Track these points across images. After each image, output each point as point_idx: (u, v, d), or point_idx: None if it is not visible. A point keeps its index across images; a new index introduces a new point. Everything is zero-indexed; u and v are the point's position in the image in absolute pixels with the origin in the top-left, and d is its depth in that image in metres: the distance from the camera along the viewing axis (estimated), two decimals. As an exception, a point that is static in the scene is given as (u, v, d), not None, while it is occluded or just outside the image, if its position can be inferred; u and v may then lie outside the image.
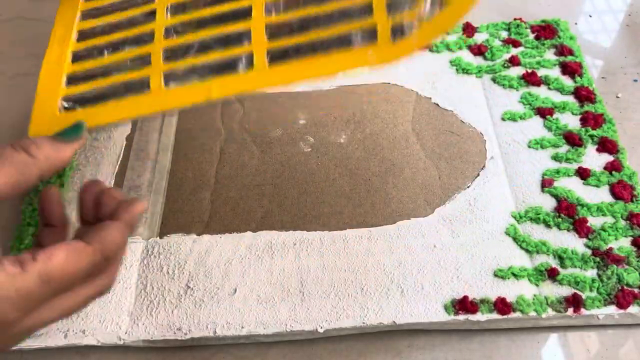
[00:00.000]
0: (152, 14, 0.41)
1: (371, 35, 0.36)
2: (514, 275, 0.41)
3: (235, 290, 0.42)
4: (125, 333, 0.40)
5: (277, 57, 0.36)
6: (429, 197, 0.46)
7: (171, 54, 0.39)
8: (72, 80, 0.40)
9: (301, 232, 0.45)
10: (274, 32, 0.37)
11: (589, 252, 0.42)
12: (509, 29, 0.57)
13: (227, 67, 0.37)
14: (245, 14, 0.39)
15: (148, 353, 0.41)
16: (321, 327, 0.40)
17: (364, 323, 0.40)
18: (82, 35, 0.42)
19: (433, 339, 0.40)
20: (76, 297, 0.31)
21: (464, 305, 0.40)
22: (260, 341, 0.41)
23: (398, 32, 0.35)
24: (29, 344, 0.40)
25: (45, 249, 0.28)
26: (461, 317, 0.40)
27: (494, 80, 0.53)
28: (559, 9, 0.61)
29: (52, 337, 0.40)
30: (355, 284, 0.42)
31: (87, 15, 0.43)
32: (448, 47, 0.56)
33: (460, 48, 0.56)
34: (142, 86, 0.38)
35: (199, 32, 0.39)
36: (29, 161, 0.31)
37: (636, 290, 0.40)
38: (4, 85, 0.58)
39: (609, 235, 0.43)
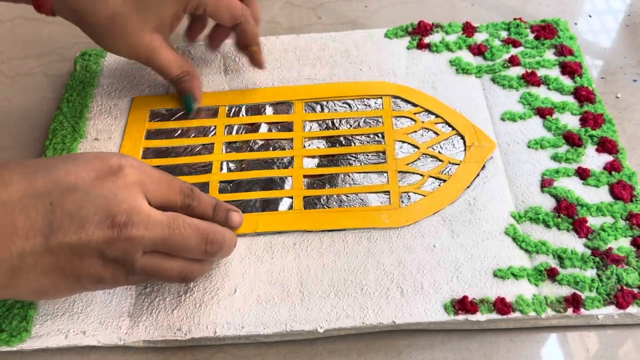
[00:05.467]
0: (208, 146, 0.50)
1: (384, 195, 0.46)
2: (514, 275, 0.41)
3: (236, 290, 0.42)
4: (126, 334, 0.40)
5: (310, 202, 0.46)
6: (429, 197, 0.46)
7: (224, 186, 0.48)
8: None
9: (301, 232, 0.45)
10: (309, 181, 0.47)
11: (588, 252, 0.42)
12: (508, 29, 0.57)
13: (270, 204, 0.46)
14: (288, 161, 0.49)
15: (148, 353, 0.41)
16: (321, 327, 0.40)
17: (363, 323, 0.40)
18: (147, 153, 0.50)
19: (433, 339, 0.40)
20: (173, 222, 0.36)
21: (463, 305, 0.40)
22: (260, 341, 0.41)
23: (406, 197, 0.46)
24: (30, 344, 0.40)
25: None
26: (461, 317, 0.40)
27: (493, 80, 0.53)
28: (558, 9, 0.61)
29: (52, 337, 0.40)
30: (355, 284, 0.42)
31: (151, 134, 0.52)
32: (448, 47, 0.56)
33: (459, 48, 0.56)
34: None
35: (250, 172, 0.48)
36: None
37: (636, 290, 0.40)
38: (4, 85, 0.58)
39: (608, 235, 0.43)
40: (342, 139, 0.50)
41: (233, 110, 0.53)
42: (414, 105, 0.52)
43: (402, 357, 0.40)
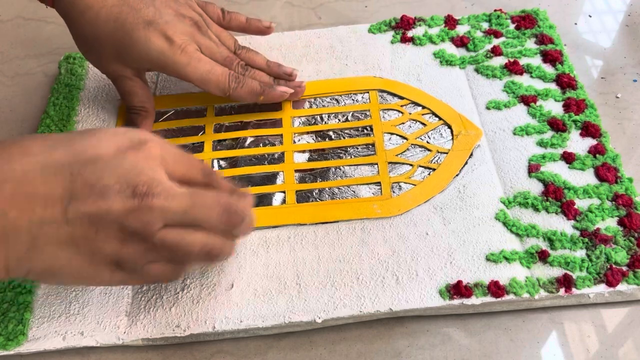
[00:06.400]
0: (198, 145, 0.50)
1: (376, 186, 0.47)
2: (506, 258, 0.42)
3: (232, 285, 0.42)
4: (124, 333, 0.40)
5: (302, 196, 0.47)
6: (419, 186, 0.47)
7: None
8: None
9: (295, 225, 0.45)
10: (301, 176, 0.48)
11: (577, 233, 0.43)
12: (489, 20, 0.58)
13: (263, 200, 0.47)
14: (279, 157, 0.49)
15: (148, 352, 0.41)
16: (319, 318, 0.40)
17: (361, 311, 0.40)
18: None
19: (433, 339, 0.40)
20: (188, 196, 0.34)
21: (458, 289, 0.40)
22: (259, 334, 0.41)
23: (397, 187, 0.46)
24: (27, 347, 0.40)
25: None
26: (456, 301, 0.40)
27: (477, 70, 0.54)
28: (558, 9, 0.61)
29: (50, 340, 0.40)
30: (350, 274, 0.42)
31: None
32: (431, 40, 0.57)
33: (442, 40, 0.57)
34: None
35: (241, 169, 0.48)
36: None
37: (624, 268, 0.41)
38: (4, 85, 0.58)
39: (595, 216, 0.44)
40: (331, 133, 0.51)
41: (221, 109, 0.53)
42: (401, 97, 0.52)
43: (402, 357, 0.40)
